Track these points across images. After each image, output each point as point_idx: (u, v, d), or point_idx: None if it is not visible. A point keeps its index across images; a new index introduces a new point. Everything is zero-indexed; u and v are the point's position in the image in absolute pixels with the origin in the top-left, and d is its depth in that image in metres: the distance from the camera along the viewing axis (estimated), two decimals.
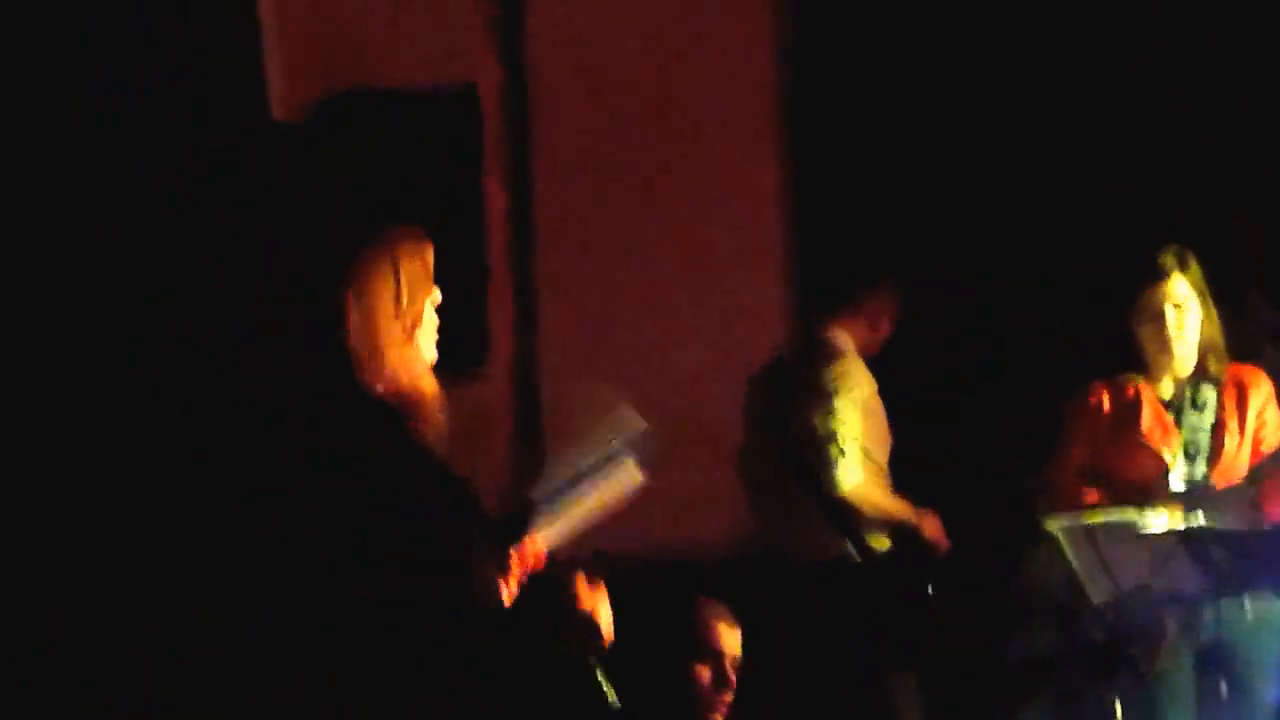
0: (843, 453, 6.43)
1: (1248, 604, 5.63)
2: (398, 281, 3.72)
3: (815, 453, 6.43)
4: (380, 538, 3.54)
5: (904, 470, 6.68)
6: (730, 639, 4.83)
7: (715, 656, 4.68)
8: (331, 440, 3.64)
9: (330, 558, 3.53)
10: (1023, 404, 6.42)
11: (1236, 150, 6.93)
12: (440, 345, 3.80)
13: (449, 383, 3.82)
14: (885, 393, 6.62)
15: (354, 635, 3.52)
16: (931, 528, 6.54)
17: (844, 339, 6.61)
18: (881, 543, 6.57)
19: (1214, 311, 5.88)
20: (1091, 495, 5.82)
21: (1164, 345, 5.83)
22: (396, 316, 3.72)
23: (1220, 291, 5.90)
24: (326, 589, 3.51)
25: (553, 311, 7.40)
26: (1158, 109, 7.02)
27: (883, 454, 6.60)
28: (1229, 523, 5.55)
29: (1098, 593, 5.48)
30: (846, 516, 6.40)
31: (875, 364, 6.69)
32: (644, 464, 3.91)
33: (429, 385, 3.74)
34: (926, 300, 6.81)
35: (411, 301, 3.73)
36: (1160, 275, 5.83)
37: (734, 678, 4.85)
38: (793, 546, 6.59)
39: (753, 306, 7.34)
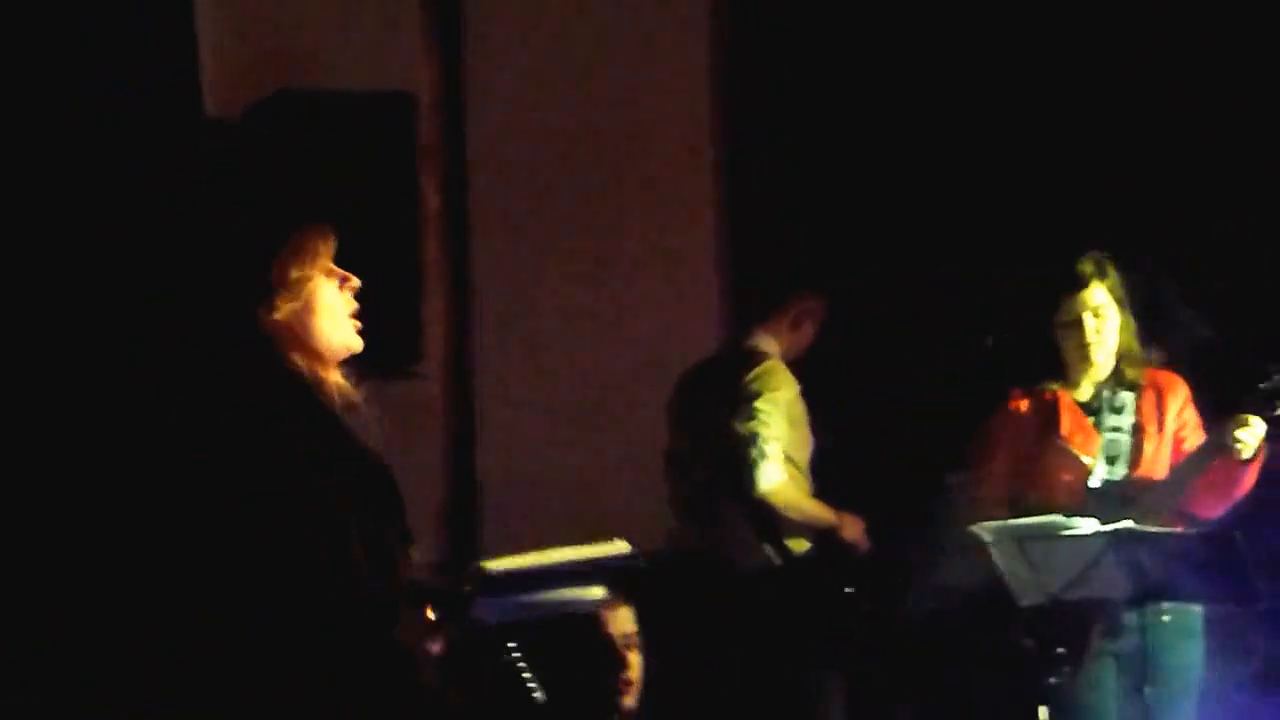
0: (763, 455, 6.47)
1: (1166, 610, 5.64)
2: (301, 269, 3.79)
3: (736, 454, 6.44)
4: (257, 503, 3.59)
5: (831, 473, 6.72)
6: (618, 621, 4.82)
7: (606, 638, 4.74)
8: (236, 412, 3.68)
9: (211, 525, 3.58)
10: (947, 408, 6.48)
11: (1157, 157, 7.01)
12: (374, 345, 3.84)
13: (382, 382, 3.85)
14: (812, 397, 6.65)
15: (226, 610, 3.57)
16: (852, 530, 6.59)
17: (768, 343, 6.66)
18: (801, 545, 6.59)
19: (1130, 318, 5.96)
20: (1016, 500, 5.88)
21: (1083, 351, 5.90)
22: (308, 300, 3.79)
23: (1138, 298, 5.99)
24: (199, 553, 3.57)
25: (487, 312, 7.40)
26: (1080, 116, 7.09)
27: (804, 457, 6.65)
28: (1154, 524, 5.55)
29: (1025, 597, 5.47)
30: (766, 518, 6.43)
31: (800, 368, 6.72)
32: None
33: (330, 372, 3.78)
34: (854, 306, 6.87)
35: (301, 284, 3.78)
36: (1079, 283, 5.92)
37: (629, 656, 4.92)
38: (717, 548, 6.60)
39: (686, 311, 7.38)
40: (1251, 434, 5.58)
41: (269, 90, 6.65)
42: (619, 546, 3.75)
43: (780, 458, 6.49)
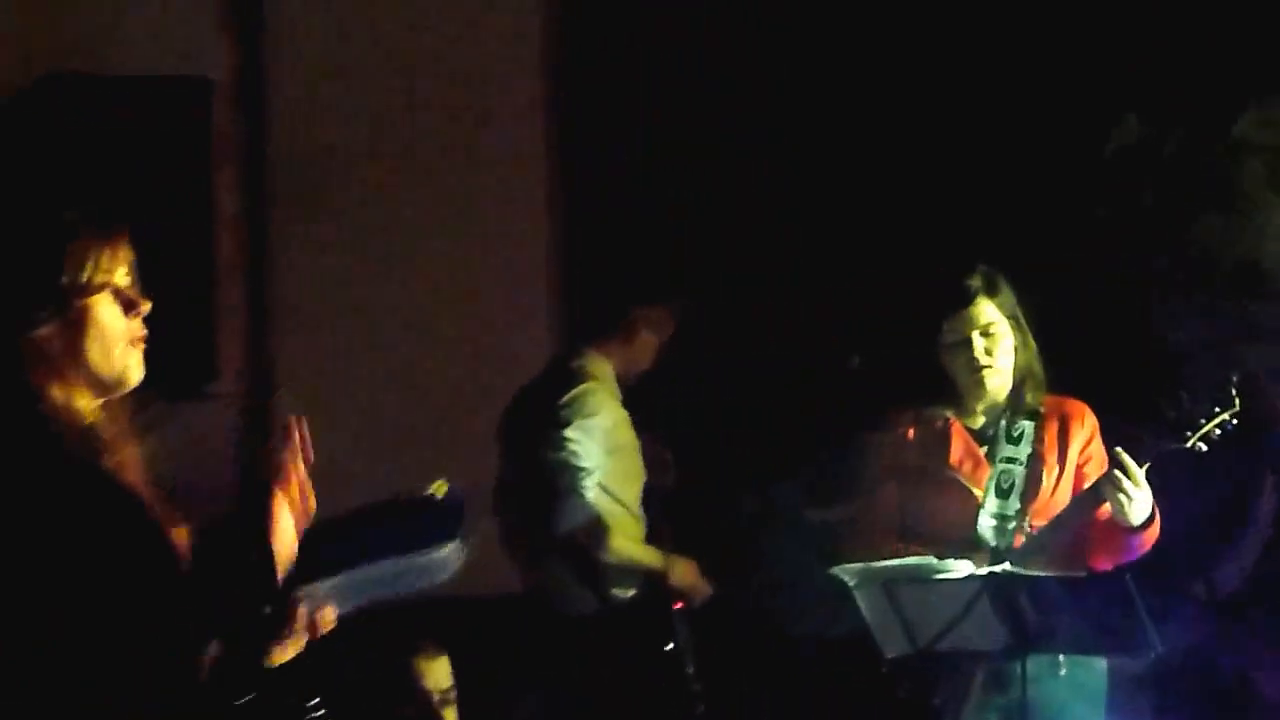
0: (571, 488, 5.93)
1: (1063, 662, 5.25)
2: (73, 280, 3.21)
3: (544, 487, 5.90)
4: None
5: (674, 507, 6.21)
6: (434, 674, 4.79)
7: (419, 694, 4.63)
8: None
9: None
10: (805, 435, 6.10)
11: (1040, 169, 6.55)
12: (162, 362, 3.32)
13: (171, 405, 3.36)
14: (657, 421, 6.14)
15: None
16: (682, 576, 6.01)
17: (595, 363, 6.10)
18: (626, 589, 6.05)
19: (1030, 338, 5.50)
20: (905, 536, 5.41)
21: (973, 374, 5.44)
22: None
23: (1043, 316, 5.52)
24: None
25: (290, 327, 6.96)
26: (954, 125, 6.68)
27: (631, 491, 6.07)
28: (1044, 567, 5.12)
29: (890, 646, 5.12)
30: (581, 559, 5.87)
31: (645, 394, 6.19)
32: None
33: (92, 404, 3.21)
34: (703, 318, 6.36)
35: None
36: (965, 300, 5.44)
37: (445, 714, 4.84)
38: (538, 591, 6.18)
39: (514, 317, 6.97)
40: (1132, 496, 5.13)
41: (52, 73, 6.09)
42: (439, 488, 3.33)
43: (593, 492, 5.95)
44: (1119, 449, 5.17)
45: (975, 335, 5.42)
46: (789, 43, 6.68)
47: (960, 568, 5.01)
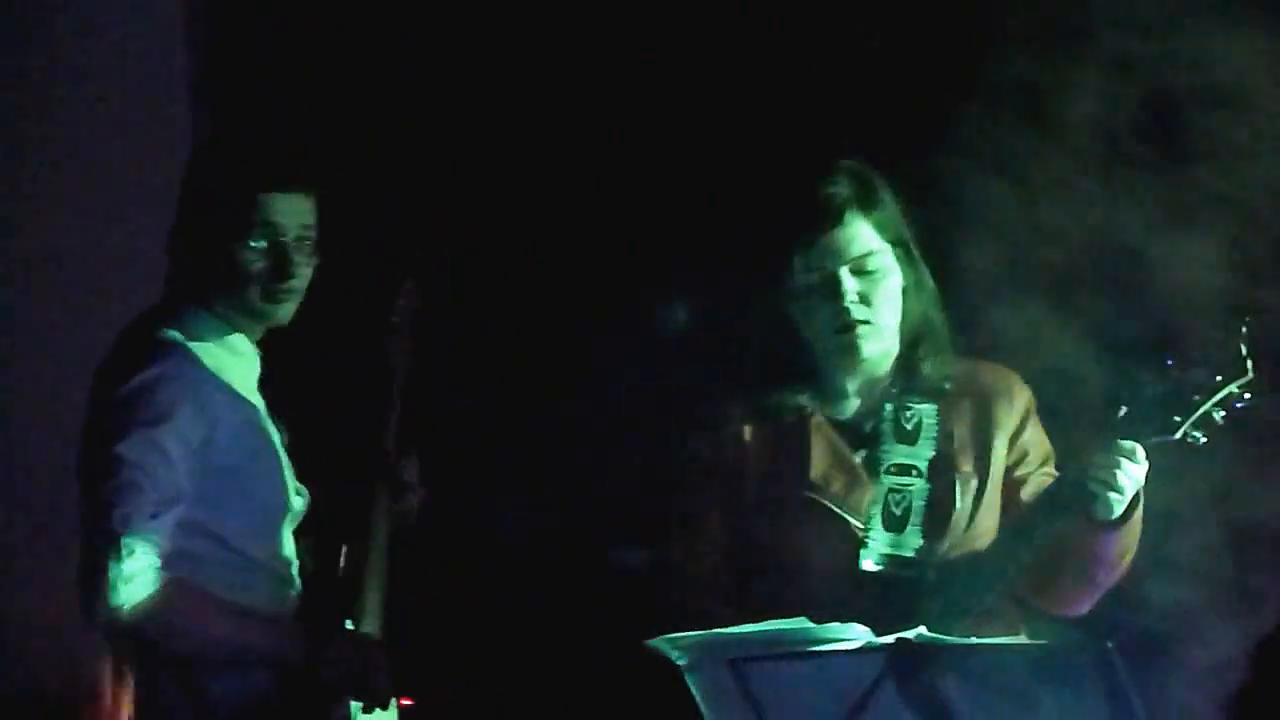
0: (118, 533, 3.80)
1: None
2: None
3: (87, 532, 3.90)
4: None
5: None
6: None
7: None
8: None
9: None
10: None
11: None
12: None
13: None
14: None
15: None
16: (348, 665, 3.94)
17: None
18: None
19: (927, 276, 3.80)
20: (746, 588, 3.79)
21: (840, 336, 3.73)
22: None
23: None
24: None
25: None
26: None
27: (246, 519, 3.95)
28: (976, 627, 3.64)
29: None
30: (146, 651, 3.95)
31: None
32: None
33: None
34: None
35: None
36: (825, 217, 3.71)
37: None
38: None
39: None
40: (1129, 475, 3.56)
41: None
42: None
43: (161, 538, 3.89)
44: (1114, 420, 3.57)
45: (843, 273, 3.70)
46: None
47: (849, 635, 3.48)
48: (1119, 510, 3.57)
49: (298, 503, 3.93)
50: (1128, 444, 3.53)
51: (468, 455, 4.99)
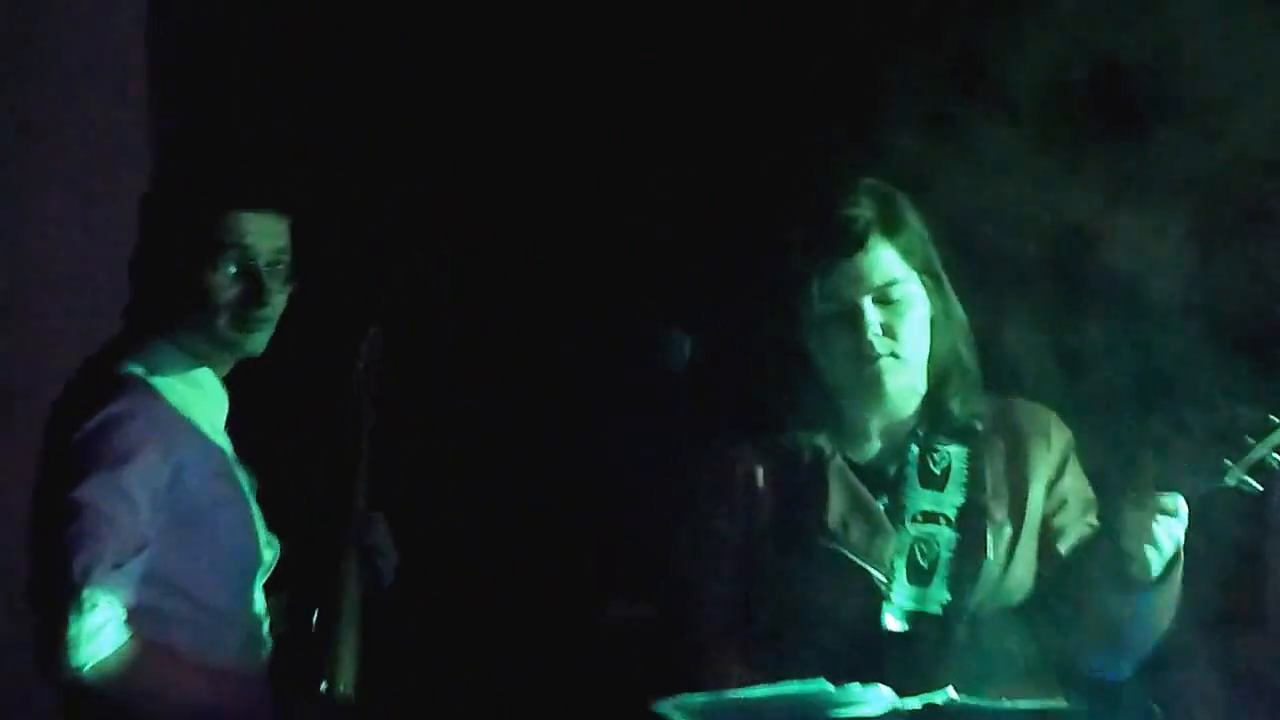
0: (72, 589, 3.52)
1: None
2: None
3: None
4: None
5: None
6: None
7: None
8: None
9: None
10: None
11: None
12: None
13: None
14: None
15: None
16: None
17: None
18: None
19: (956, 305, 3.55)
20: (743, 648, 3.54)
21: (862, 370, 3.47)
22: None
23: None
24: None
25: None
26: None
27: (215, 571, 3.66)
28: (1010, 688, 3.38)
29: None
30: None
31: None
32: None
33: None
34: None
35: None
36: (847, 242, 3.46)
37: None
38: None
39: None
40: (1169, 531, 3.30)
41: None
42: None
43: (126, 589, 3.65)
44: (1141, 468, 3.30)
45: (866, 303, 3.45)
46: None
47: (872, 698, 3.27)
48: (1158, 570, 3.30)
49: (269, 555, 3.65)
50: (1169, 498, 3.26)
51: (453, 506, 4.73)
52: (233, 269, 3.50)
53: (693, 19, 4.81)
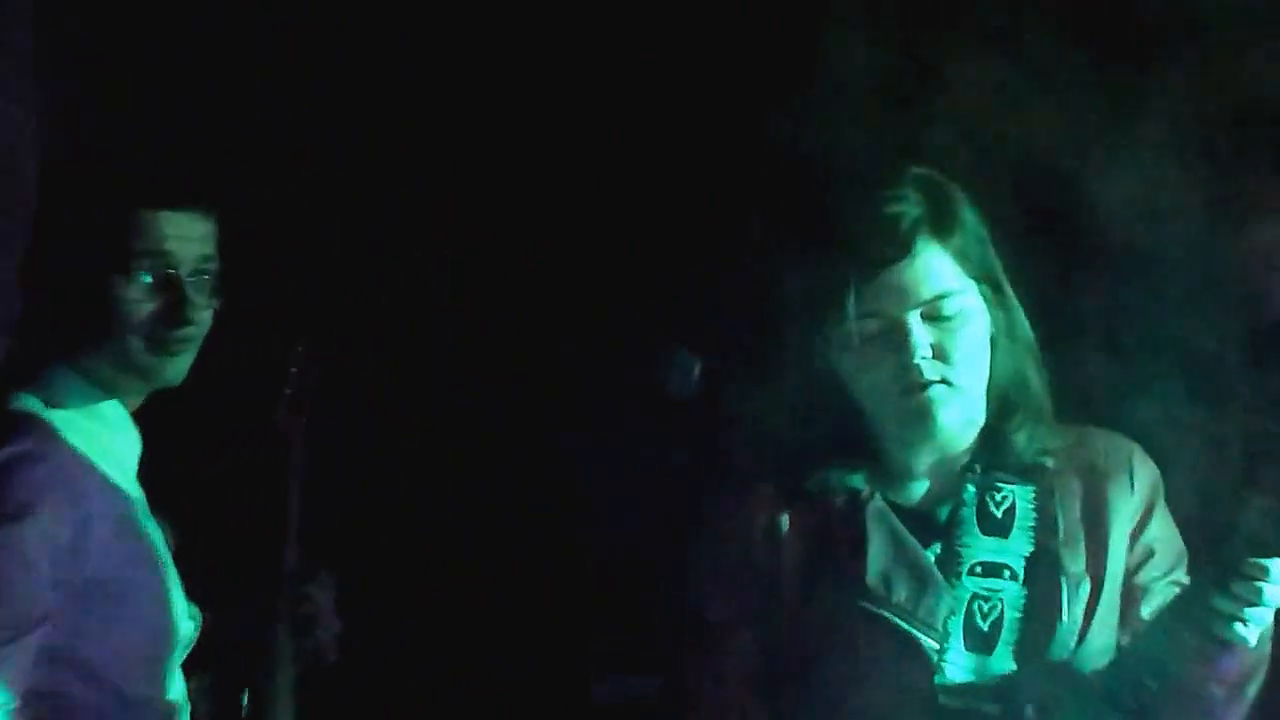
0: None
1: None
2: None
3: None
4: None
5: None
6: None
7: None
8: None
9: None
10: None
11: None
12: None
13: None
14: None
15: None
16: None
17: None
18: None
19: (1022, 319, 3.05)
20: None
21: (908, 398, 2.99)
22: None
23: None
24: None
25: None
26: None
27: (124, 646, 3.13)
28: None
29: None
30: None
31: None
32: None
33: None
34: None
35: None
36: (890, 247, 2.96)
37: None
38: None
39: None
40: (1269, 598, 2.84)
41: None
42: None
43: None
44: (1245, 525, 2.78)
45: (912, 319, 2.96)
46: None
47: None
48: (1253, 640, 2.82)
49: (188, 627, 3.11)
50: (1272, 563, 2.76)
51: (423, 565, 4.24)
52: (148, 279, 2.96)
53: (694, 19, 4.42)
